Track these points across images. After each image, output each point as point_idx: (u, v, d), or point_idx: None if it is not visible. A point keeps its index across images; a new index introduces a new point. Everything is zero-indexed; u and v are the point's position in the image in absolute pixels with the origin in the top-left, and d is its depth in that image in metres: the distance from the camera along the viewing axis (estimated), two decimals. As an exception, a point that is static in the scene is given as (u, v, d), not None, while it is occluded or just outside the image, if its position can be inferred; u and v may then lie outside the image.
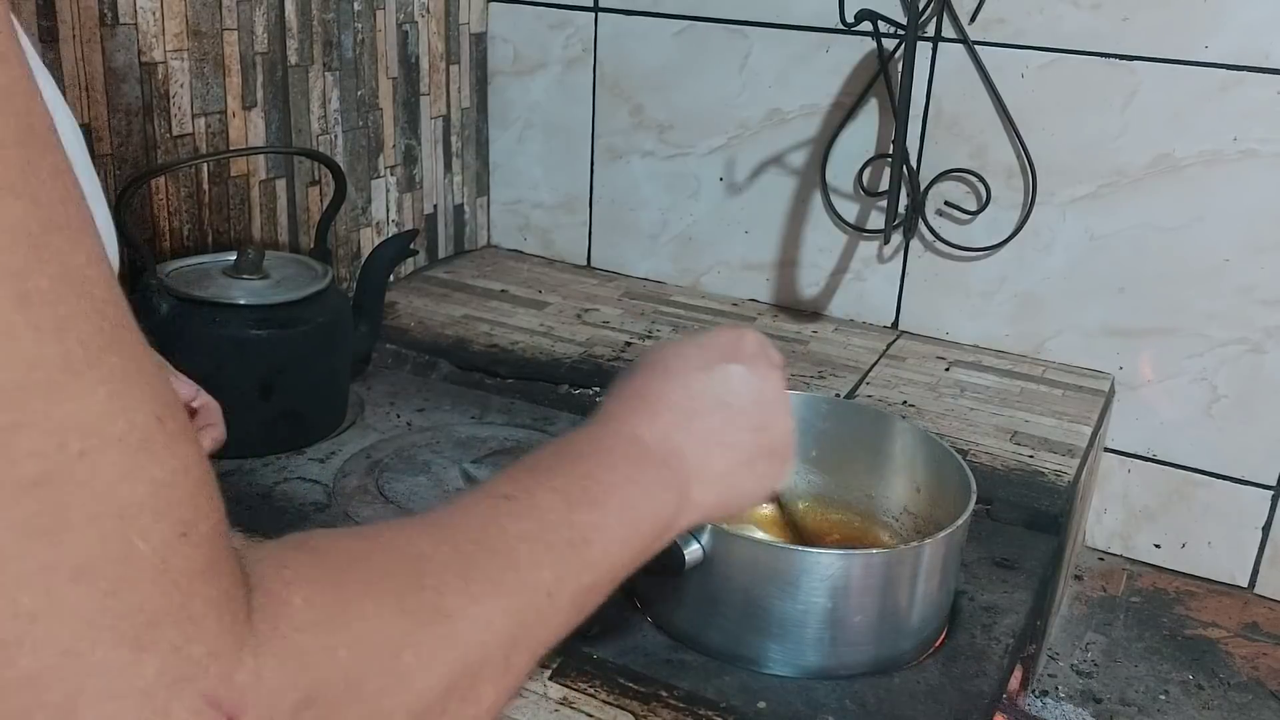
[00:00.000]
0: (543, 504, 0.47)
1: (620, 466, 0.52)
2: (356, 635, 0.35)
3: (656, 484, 0.53)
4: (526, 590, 0.43)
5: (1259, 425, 1.23)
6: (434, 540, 0.42)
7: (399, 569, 0.39)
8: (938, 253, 1.35)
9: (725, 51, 1.40)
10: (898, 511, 0.91)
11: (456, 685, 0.38)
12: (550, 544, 0.45)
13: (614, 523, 0.49)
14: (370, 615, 0.36)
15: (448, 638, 0.38)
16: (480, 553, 0.42)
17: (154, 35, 1.07)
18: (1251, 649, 1.18)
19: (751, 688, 0.74)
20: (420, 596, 0.38)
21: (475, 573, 0.41)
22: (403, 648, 0.36)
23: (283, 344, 0.99)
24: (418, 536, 0.42)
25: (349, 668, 0.34)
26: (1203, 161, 1.19)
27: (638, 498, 0.51)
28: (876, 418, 0.94)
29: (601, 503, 0.49)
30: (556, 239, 1.60)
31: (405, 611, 0.37)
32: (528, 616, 0.43)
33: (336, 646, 0.34)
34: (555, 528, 0.46)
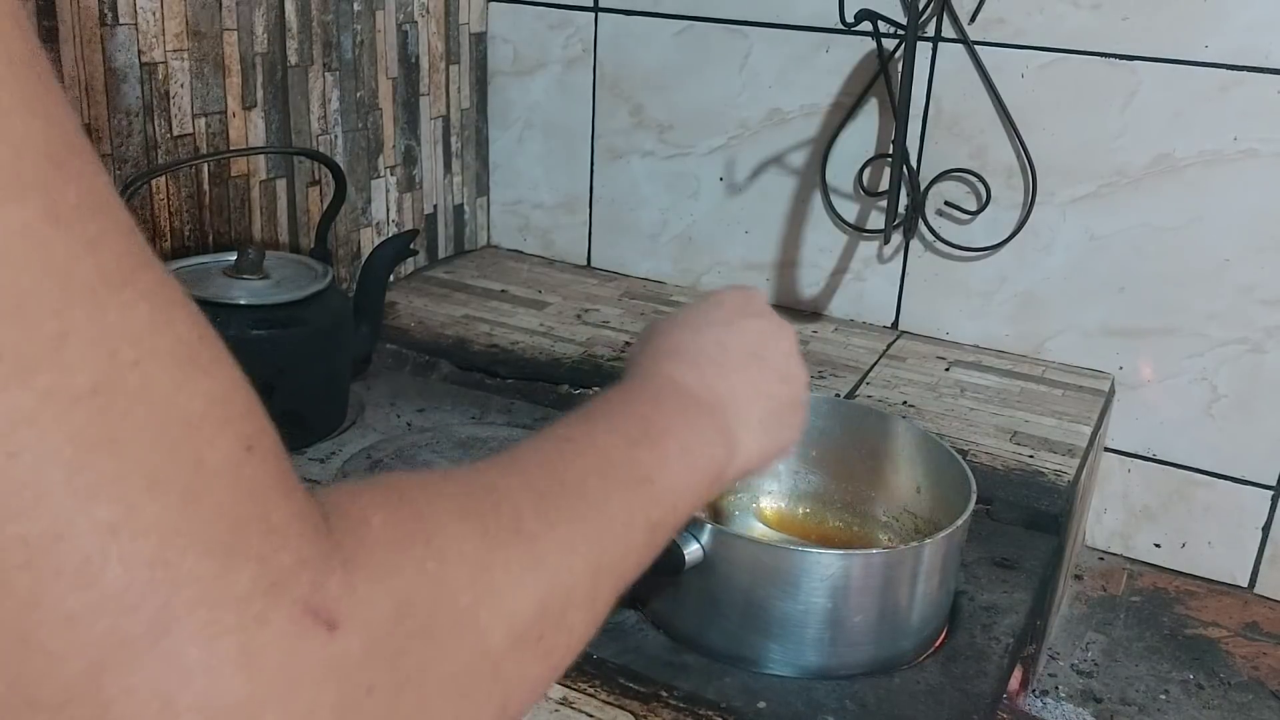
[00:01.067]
0: (602, 444, 0.47)
1: (671, 411, 0.52)
2: (441, 550, 0.34)
3: (709, 428, 0.53)
4: (601, 519, 0.43)
5: (1259, 425, 1.23)
6: (503, 473, 0.41)
7: (474, 496, 0.38)
8: (938, 253, 1.35)
9: (725, 51, 1.40)
10: (898, 511, 0.91)
11: (548, 609, 0.38)
12: (616, 479, 0.45)
13: (674, 462, 0.49)
14: (452, 535, 0.35)
15: (533, 559, 0.38)
16: (551, 484, 0.42)
17: (154, 35, 1.07)
18: (1251, 649, 1.18)
19: (751, 688, 0.74)
20: (499, 520, 0.38)
21: (549, 502, 0.41)
22: (490, 565, 0.36)
23: (283, 344, 0.99)
24: (486, 471, 0.41)
25: (439, 580, 0.33)
26: (1203, 161, 1.19)
27: (693, 440, 0.51)
28: (876, 418, 0.94)
29: (659, 443, 0.49)
30: (556, 239, 1.60)
31: (487, 533, 0.37)
32: (607, 544, 0.43)
33: (424, 559, 0.33)
34: (618, 465, 0.46)
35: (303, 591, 0.28)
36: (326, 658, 0.28)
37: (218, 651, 0.26)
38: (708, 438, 0.53)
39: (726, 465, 0.54)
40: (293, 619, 0.28)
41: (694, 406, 0.53)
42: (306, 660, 0.28)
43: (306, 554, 0.29)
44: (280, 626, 0.28)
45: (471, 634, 0.34)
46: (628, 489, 0.46)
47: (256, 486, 0.29)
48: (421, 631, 0.32)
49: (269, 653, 0.27)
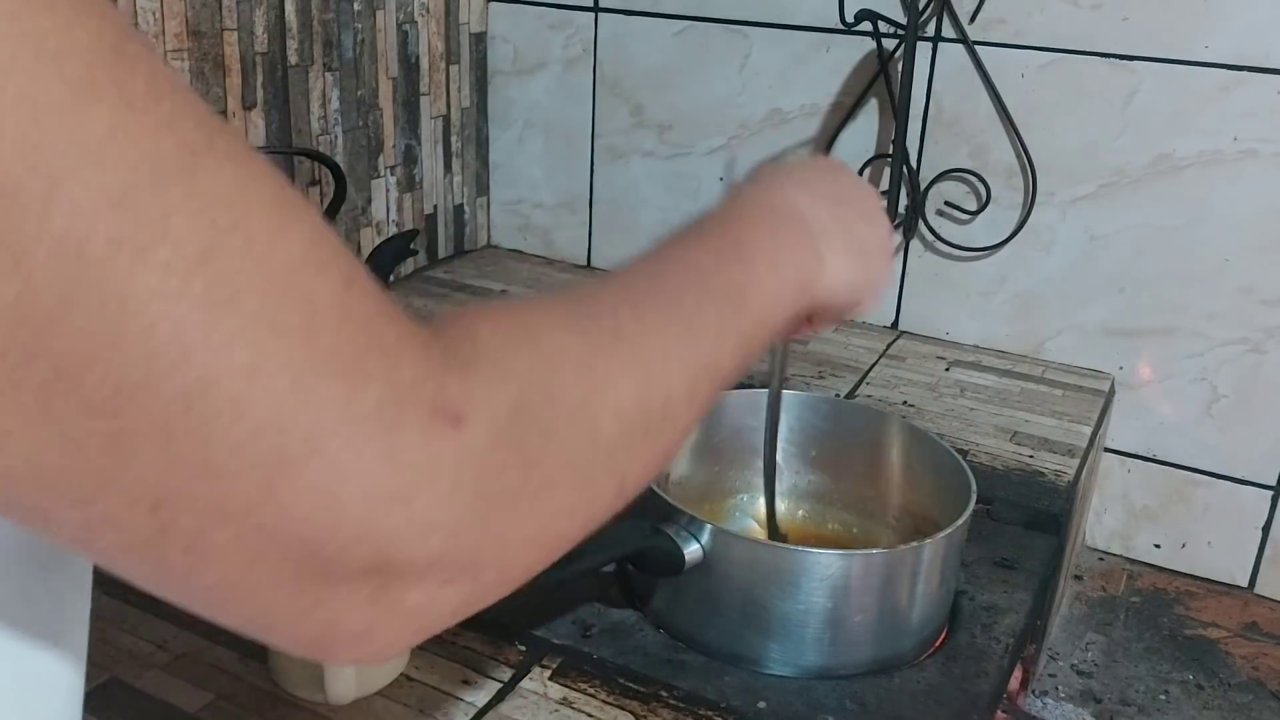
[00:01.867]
0: (696, 260, 0.51)
1: (762, 228, 0.56)
2: (546, 351, 0.38)
3: (798, 243, 0.56)
4: (696, 326, 0.46)
5: (1259, 425, 1.23)
6: (602, 288, 0.46)
7: (575, 308, 0.42)
8: (938, 253, 1.35)
9: (725, 51, 1.40)
10: (898, 511, 0.91)
11: (650, 403, 0.41)
12: (709, 291, 0.49)
13: (764, 277, 0.53)
14: (554, 338, 0.39)
15: (633, 360, 0.41)
16: (648, 296, 0.46)
17: (154, 35, 1.07)
18: (1251, 649, 1.18)
19: (751, 688, 0.74)
20: (600, 326, 0.41)
21: (646, 311, 0.44)
22: (593, 365, 0.39)
23: (283, 344, 0.99)
24: (586, 287, 0.45)
25: (548, 376, 0.37)
26: (1203, 161, 1.19)
27: (781, 255, 0.55)
28: (876, 418, 0.94)
29: (751, 260, 0.53)
30: (556, 239, 1.60)
31: (588, 337, 0.40)
32: (702, 348, 0.46)
33: (532, 360, 0.37)
34: (711, 279, 0.50)
35: (427, 397, 0.32)
36: (458, 447, 0.33)
37: (365, 455, 0.31)
38: (796, 253, 0.56)
39: (814, 279, 0.57)
40: (422, 421, 0.32)
41: (784, 222, 0.57)
42: (441, 452, 0.32)
43: (423, 366, 0.33)
44: (413, 429, 0.32)
45: (583, 424, 0.38)
46: (720, 301, 0.49)
47: (364, 316, 0.32)
48: (538, 421, 0.36)
49: (408, 451, 0.31)
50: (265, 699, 0.70)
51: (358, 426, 0.31)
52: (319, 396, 0.30)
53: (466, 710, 0.70)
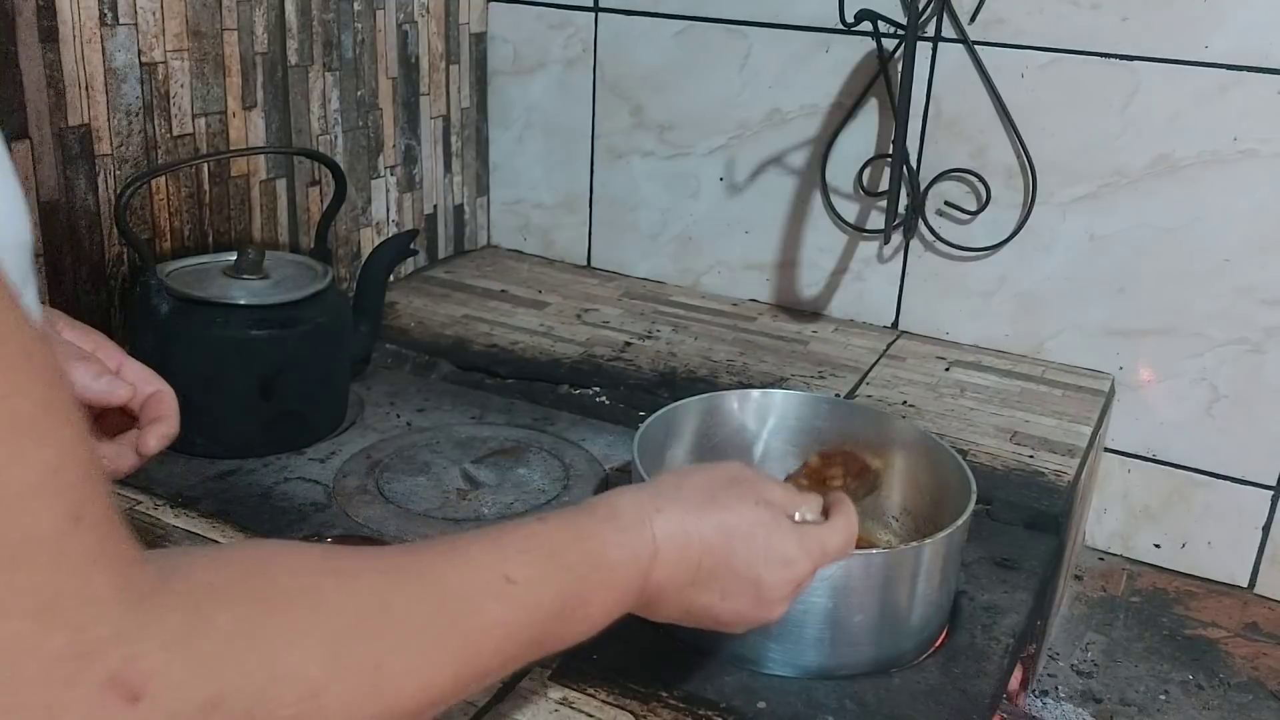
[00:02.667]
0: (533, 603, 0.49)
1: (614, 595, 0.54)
2: (280, 665, 0.36)
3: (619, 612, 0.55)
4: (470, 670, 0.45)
5: (1259, 425, 1.23)
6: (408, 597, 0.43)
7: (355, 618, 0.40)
8: (938, 253, 1.35)
9: (725, 51, 1.40)
10: (898, 511, 0.91)
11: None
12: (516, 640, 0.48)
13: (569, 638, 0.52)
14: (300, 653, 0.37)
15: (377, 695, 0.40)
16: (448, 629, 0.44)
17: (154, 35, 1.07)
18: (1251, 649, 1.18)
19: (751, 688, 0.74)
20: (363, 650, 0.40)
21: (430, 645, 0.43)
22: (325, 690, 0.37)
23: (283, 344, 0.99)
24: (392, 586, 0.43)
25: (264, 690, 0.35)
26: (1203, 161, 1.19)
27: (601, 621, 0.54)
28: (876, 418, 0.94)
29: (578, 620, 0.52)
30: (556, 239, 1.60)
31: (339, 660, 0.38)
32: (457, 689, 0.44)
33: (256, 668, 0.35)
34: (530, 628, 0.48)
35: (112, 664, 0.31)
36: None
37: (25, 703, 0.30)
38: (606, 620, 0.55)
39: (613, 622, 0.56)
40: (96, 687, 0.31)
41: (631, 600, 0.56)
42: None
43: (123, 629, 0.32)
44: (84, 692, 0.30)
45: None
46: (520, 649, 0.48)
47: (80, 559, 0.31)
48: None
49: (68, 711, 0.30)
50: (265, 699, 0.69)
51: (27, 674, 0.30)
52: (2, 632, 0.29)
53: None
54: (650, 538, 0.56)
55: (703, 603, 0.59)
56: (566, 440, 1.08)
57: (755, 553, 0.60)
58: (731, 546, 0.59)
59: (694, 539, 0.57)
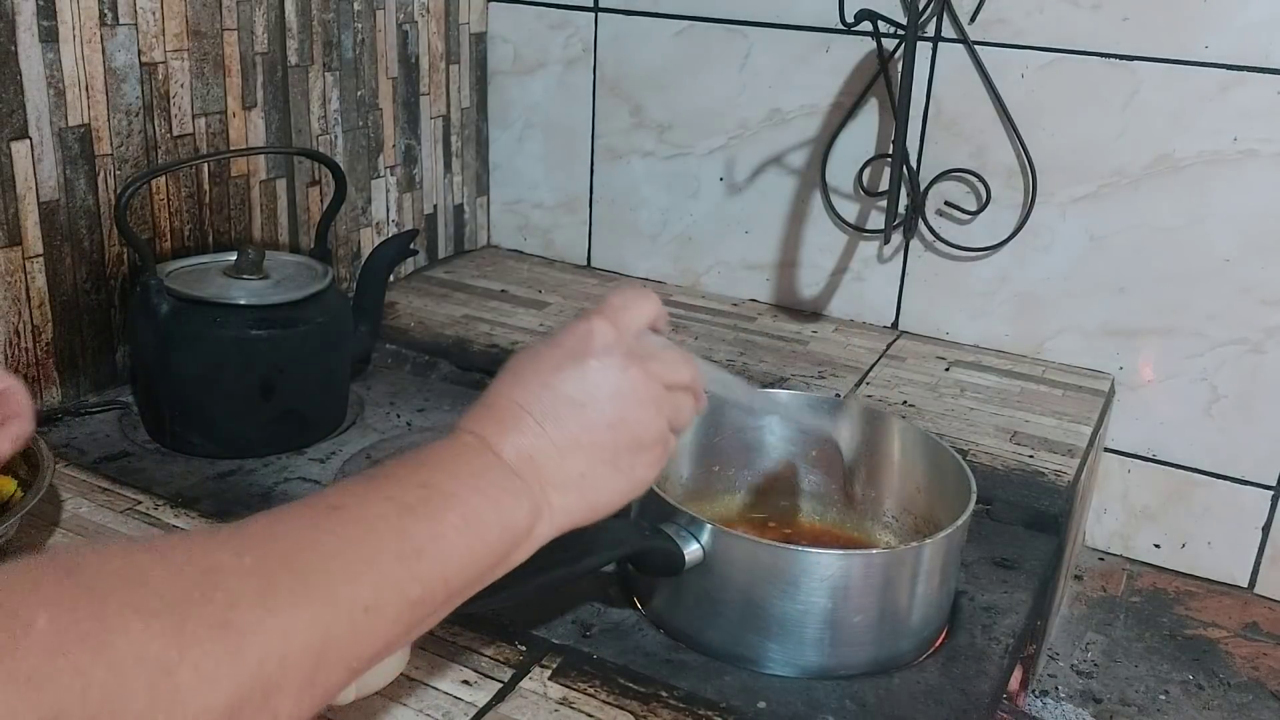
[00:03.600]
0: (372, 514, 0.46)
1: (464, 476, 0.51)
2: (117, 656, 0.34)
3: (506, 493, 0.52)
4: (338, 605, 0.42)
5: (1259, 425, 1.23)
6: (236, 552, 0.40)
7: (184, 584, 0.38)
8: (938, 253, 1.35)
9: (725, 51, 1.40)
10: (898, 511, 0.91)
11: (247, 701, 0.37)
12: (373, 557, 0.44)
13: (453, 534, 0.48)
14: (136, 634, 0.35)
15: (235, 653, 0.37)
16: (286, 567, 0.41)
17: (154, 35, 1.07)
18: (1251, 649, 1.18)
19: (751, 688, 0.74)
20: (205, 610, 0.37)
21: (278, 587, 0.40)
22: (177, 664, 0.35)
23: (283, 344, 0.99)
24: (219, 548, 0.40)
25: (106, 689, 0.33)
26: (1203, 161, 1.19)
27: (484, 508, 0.50)
28: (876, 418, 0.94)
29: (439, 514, 0.48)
30: (556, 239, 1.60)
31: (183, 628, 0.36)
32: (338, 631, 0.41)
33: (90, 667, 0.33)
34: (382, 538, 0.45)
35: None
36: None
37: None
38: (502, 503, 0.51)
39: (533, 527, 0.53)
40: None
41: (491, 468, 0.52)
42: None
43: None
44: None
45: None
46: (385, 569, 0.44)
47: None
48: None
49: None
50: (265, 699, 0.70)
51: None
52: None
53: (466, 710, 0.70)
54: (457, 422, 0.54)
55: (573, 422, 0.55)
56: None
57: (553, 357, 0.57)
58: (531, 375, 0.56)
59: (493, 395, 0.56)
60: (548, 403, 0.55)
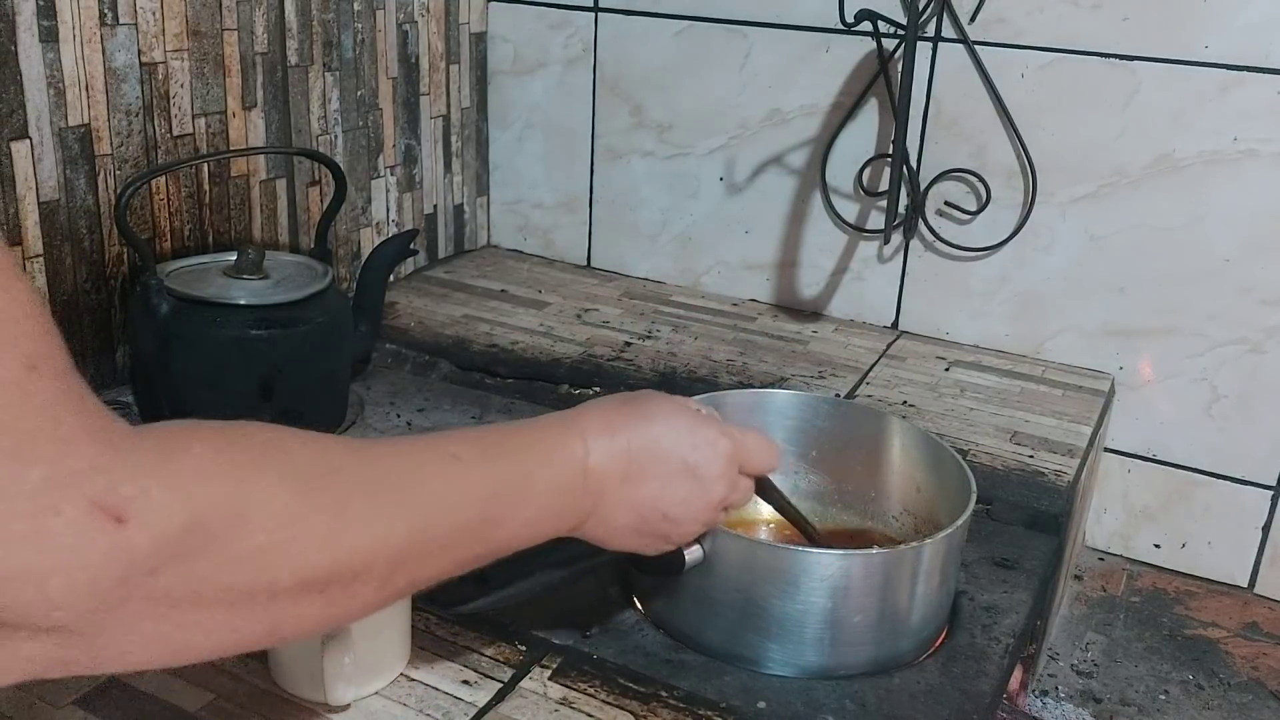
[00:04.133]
0: (479, 478, 0.53)
1: (554, 481, 0.58)
2: (252, 493, 0.40)
3: (570, 509, 0.60)
4: (422, 532, 0.49)
5: (1259, 425, 1.23)
6: (362, 462, 0.48)
7: (316, 466, 0.45)
8: (938, 253, 1.35)
9: (725, 51, 1.40)
10: (898, 511, 0.91)
11: (340, 573, 0.44)
12: (461, 513, 0.52)
13: (519, 522, 0.56)
14: (269, 485, 0.41)
15: (341, 532, 0.44)
16: (397, 487, 0.48)
17: (154, 35, 1.07)
18: (1251, 649, 1.18)
19: (751, 688, 0.74)
20: (326, 493, 0.44)
21: (383, 498, 0.47)
22: (296, 521, 0.42)
23: (283, 344, 0.99)
24: (351, 453, 0.48)
25: (241, 515, 0.39)
26: (1203, 161, 1.19)
27: (549, 512, 0.58)
28: (876, 418, 0.94)
29: (524, 502, 0.56)
30: (556, 239, 1.60)
31: (307, 496, 0.43)
32: (416, 550, 0.48)
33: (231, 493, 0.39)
34: (474, 503, 0.53)
35: (92, 490, 0.35)
36: (111, 543, 0.35)
37: (13, 531, 0.33)
38: (564, 514, 0.60)
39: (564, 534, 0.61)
40: (81, 511, 0.34)
41: (575, 484, 0.60)
42: (91, 543, 0.35)
43: (99, 462, 0.35)
44: (70, 516, 0.34)
45: (256, 566, 0.40)
46: (466, 525, 0.52)
47: (44, 401, 0.35)
48: (208, 546, 0.38)
49: (56, 535, 0.34)
50: (265, 699, 0.70)
51: (13, 503, 0.33)
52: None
53: (466, 710, 0.70)
54: (579, 428, 0.61)
55: (646, 494, 0.62)
56: (566, 440, 1.07)
57: (680, 437, 0.64)
58: (655, 433, 0.63)
59: (619, 427, 0.62)
60: (645, 466, 0.62)
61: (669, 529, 0.65)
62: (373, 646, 0.68)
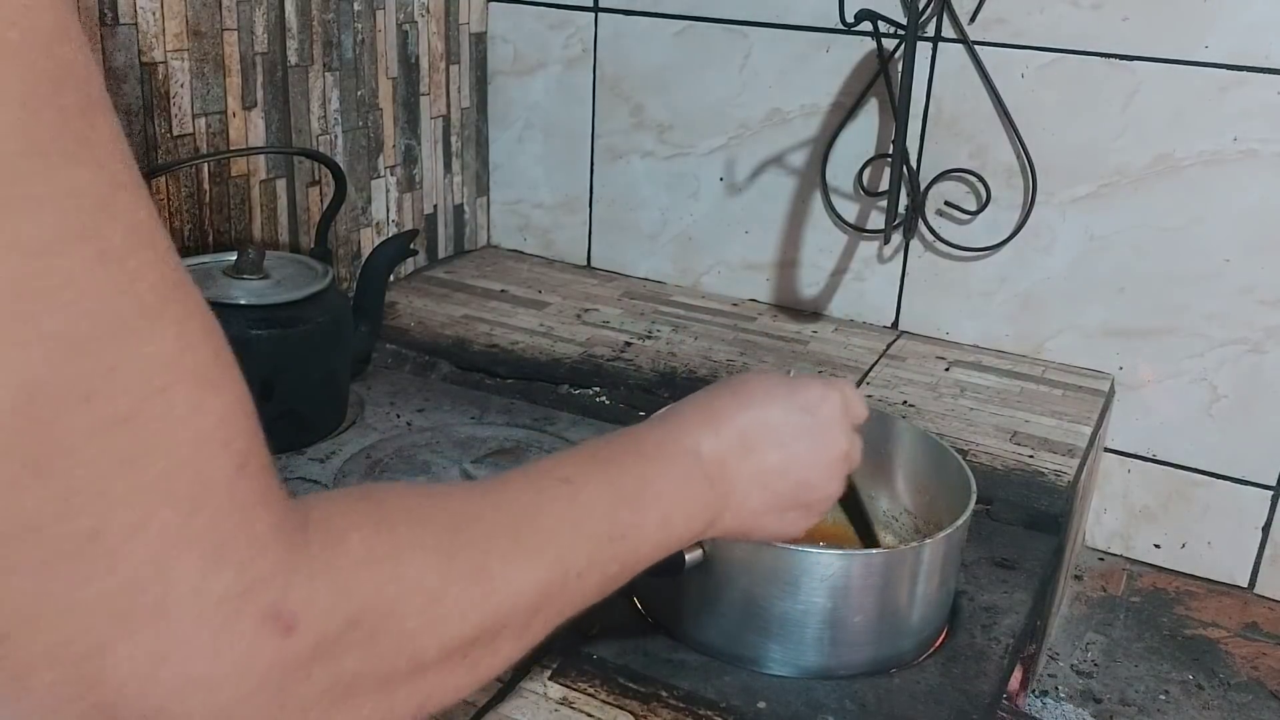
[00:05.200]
0: (594, 495, 0.52)
1: (673, 476, 0.57)
2: (403, 577, 0.40)
3: (699, 502, 0.58)
4: (560, 567, 0.48)
5: (1259, 425, 1.23)
6: (492, 506, 0.47)
7: (453, 528, 0.44)
8: (938, 253, 1.35)
9: (725, 51, 1.40)
10: (898, 511, 0.91)
11: (482, 635, 0.43)
12: (592, 534, 0.51)
13: (652, 526, 0.54)
14: (418, 564, 0.41)
15: (485, 596, 0.43)
16: (529, 527, 0.47)
17: (154, 35, 1.07)
18: (1251, 649, 1.18)
19: (751, 688, 0.74)
20: (468, 555, 0.43)
21: (520, 545, 0.46)
22: (443, 595, 0.41)
23: (283, 344, 0.99)
24: (477, 501, 0.47)
25: (394, 603, 0.39)
26: (1203, 161, 1.19)
27: (679, 509, 0.56)
28: (876, 418, 0.93)
29: (647, 507, 0.54)
30: (556, 239, 1.60)
31: (451, 565, 0.42)
32: (555, 590, 0.47)
33: (385, 583, 0.39)
34: (600, 519, 0.51)
35: (272, 596, 0.34)
36: (279, 653, 0.35)
37: (197, 636, 0.33)
38: (693, 510, 0.57)
39: (703, 533, 0.59)
40: (257, 620, 0.34)
41: (696, 476, 0.58)
42: (263, 654, 0.34)
43: (279, 565, 0.35)
44: (248, 624, 0.34)
45: (409, 649, 0.40)
46: (598, 544, 0.51)
47: (246, 500, 0.34)
48: (365, 641, 0.38)
49: (234, 646, 0.33)
50: (265, 699, 0.70)
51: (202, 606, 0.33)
52: (179, 570, 0.32)
53: (466, 710, 0.70)
54: (678, 421, 0.59)
55: (773, 465, 0.61)
56: (567, 440, 1.07)
57: (786, 404, 0.63)
58: (758, 408, 0.62)
59: (719, 412, 0.60)
60: (762, 438, 0.61)
61: (808, 495, 0.63)
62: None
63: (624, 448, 0.57)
